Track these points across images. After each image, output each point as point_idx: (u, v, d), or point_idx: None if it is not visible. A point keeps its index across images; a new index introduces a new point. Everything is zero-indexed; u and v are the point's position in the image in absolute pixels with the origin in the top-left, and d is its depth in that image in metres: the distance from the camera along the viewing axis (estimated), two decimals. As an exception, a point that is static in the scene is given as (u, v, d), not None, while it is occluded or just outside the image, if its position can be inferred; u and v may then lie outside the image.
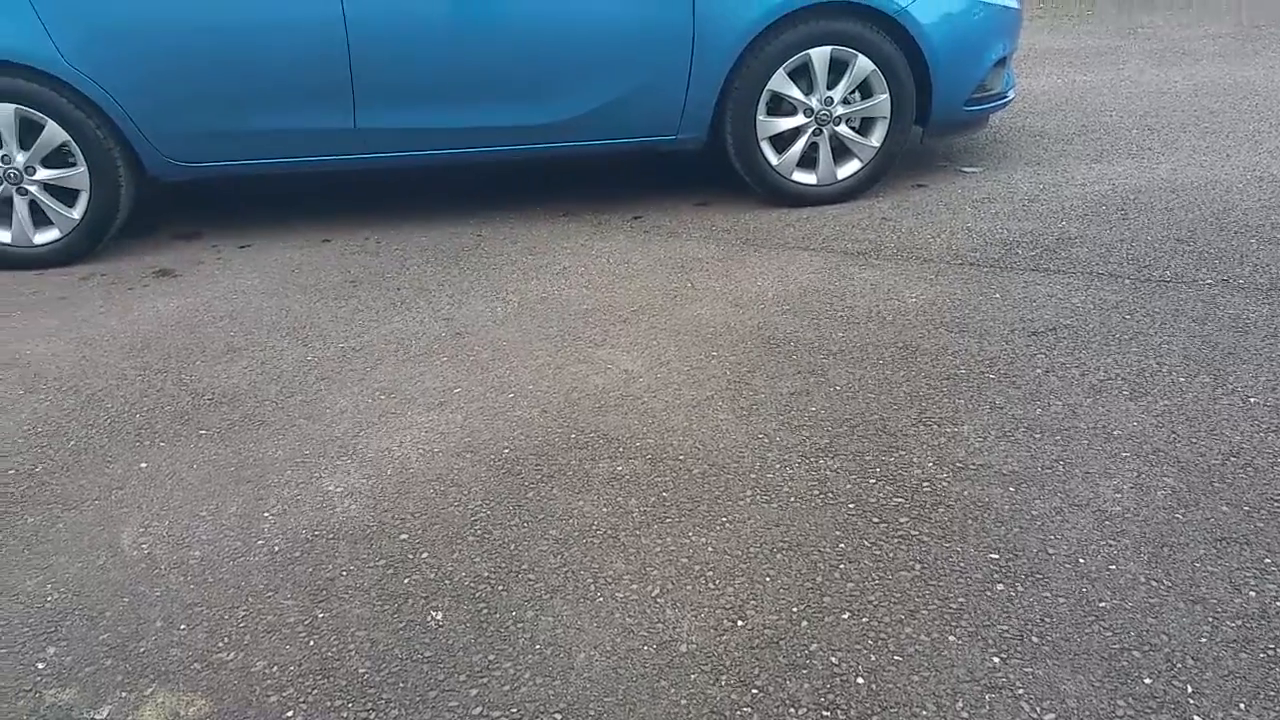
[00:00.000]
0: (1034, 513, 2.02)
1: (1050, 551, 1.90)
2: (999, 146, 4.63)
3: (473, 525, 2.10)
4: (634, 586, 1.89)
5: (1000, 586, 1.82)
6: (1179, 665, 1.61)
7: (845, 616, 1.78)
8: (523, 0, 3.71)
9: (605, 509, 2.13)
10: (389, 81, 3.75)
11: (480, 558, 2.00)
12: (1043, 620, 1.73)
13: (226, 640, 1.82)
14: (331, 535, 2.10)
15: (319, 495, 2.25)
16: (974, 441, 2.28)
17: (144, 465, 2.42)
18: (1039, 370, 2.59)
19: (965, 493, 2.10)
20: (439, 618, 1.85)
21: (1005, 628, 1.72)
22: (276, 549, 2.07)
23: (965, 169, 4.36)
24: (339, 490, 2.26)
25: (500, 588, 1.91)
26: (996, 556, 1.90)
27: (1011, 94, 4.31)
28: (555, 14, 3.73)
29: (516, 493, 2.21)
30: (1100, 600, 1.77)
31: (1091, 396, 2.44)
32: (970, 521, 2.00)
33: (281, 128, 3.80)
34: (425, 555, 2.02)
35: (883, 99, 3.89)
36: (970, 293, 3.08)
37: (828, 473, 2.20)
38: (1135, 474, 2.12)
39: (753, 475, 2.21)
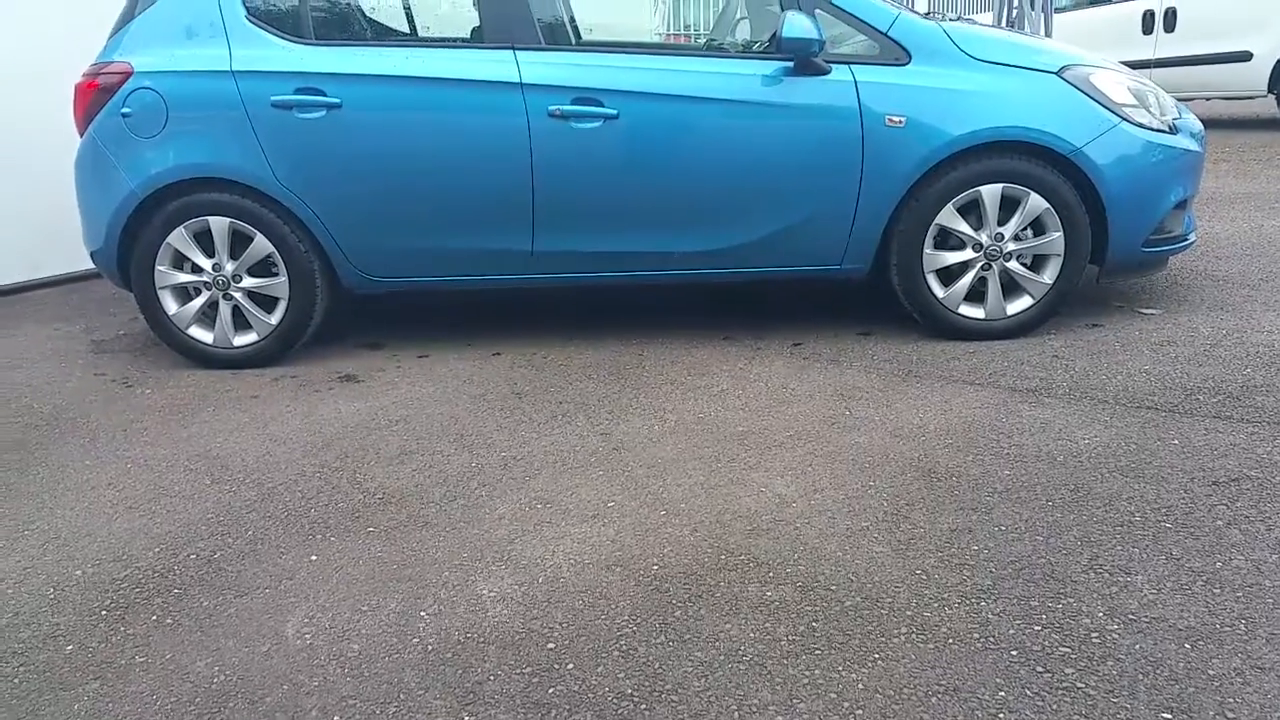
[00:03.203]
0: (1211, 672, 1.88)
1: (1229, 715, 1.77)
2: (1179, 289, 4.46)
3: (618, 640, 2.11)
4: (780, 718, 1.85)
5: (1174, 750, 1.70)
6: None
7: (1002, 768, 1.69)
8: (694, 136, 3.86)
9: (753, 634, 2.10)
10: (567, 209, 3.94)
11: (624, 674, 2.00)
12: (1222, 792, 1.61)
13: (376, 734, 1.87)
14: (482, 639, 2.14)
15: (473, 598, 2.30)
16: (1148, 593, 2.16)
17: (314, 558, 2.54)
18: (1220, 522, 2.44)
19: (1137, 646, 1.98)
20: (581, 731, 1.85)
21: (1179, 796, 1.61)
22: (430, 648, 2.12)
23: (1143, 310, 4.22)
24: (492, 595, 2.31)
25: (643, 706, 1.90)
26: (1169, 716, 1.78)
27: (1193, 237, 4.17)
28: (727, 150, 3.85)
29: (664, 611, 2.20)
30: (1288, 775, 1.63)
31: (1278, 553, 2.28)
32: (1141, 677, 1.89)
33: (466, 248, 4.02)
34: (571, 666, 2.03)
35: (1056, 237, 3.82)
36: (1148, 437, 2.95)
37: (990, 616, 2.12)
38: (1330, 640, 1.96)
39: (908, 612, 2.15)
